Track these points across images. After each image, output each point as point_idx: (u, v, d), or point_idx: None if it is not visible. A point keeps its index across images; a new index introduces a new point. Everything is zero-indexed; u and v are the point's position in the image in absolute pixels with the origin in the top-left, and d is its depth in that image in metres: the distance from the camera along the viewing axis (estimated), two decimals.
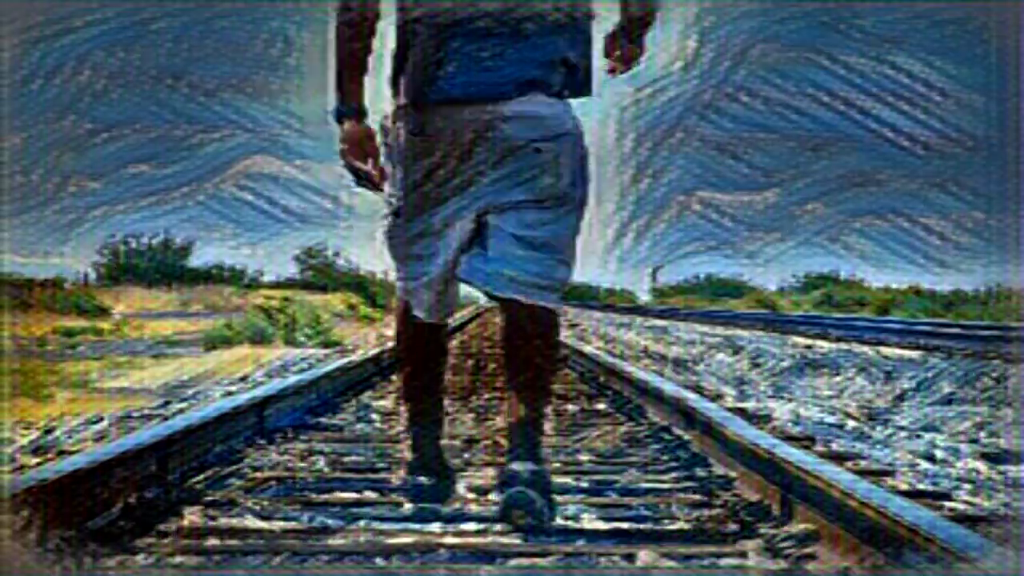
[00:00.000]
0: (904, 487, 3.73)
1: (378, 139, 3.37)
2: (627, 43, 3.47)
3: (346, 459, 4.46)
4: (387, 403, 6.61)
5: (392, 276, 3.59)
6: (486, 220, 3.32)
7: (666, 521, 3.38)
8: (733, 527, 3.27)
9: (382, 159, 3.36)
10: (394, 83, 3.38)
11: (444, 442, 3.69)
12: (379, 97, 3.45)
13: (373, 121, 3.40)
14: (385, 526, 3.27)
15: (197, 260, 43.84)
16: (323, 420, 5.71)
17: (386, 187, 3.39)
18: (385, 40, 3.39)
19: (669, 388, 5.65)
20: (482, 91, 3.27)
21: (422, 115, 3.31)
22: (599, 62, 3.47)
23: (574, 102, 3.39)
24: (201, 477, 3.96)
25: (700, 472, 4.12)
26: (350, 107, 3.32)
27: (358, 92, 3.33)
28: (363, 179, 3.34)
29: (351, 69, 3.32)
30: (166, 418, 5.50)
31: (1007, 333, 13.80)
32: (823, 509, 3.01)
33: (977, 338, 13.09)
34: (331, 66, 3.35)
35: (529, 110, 3.28)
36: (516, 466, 3.24)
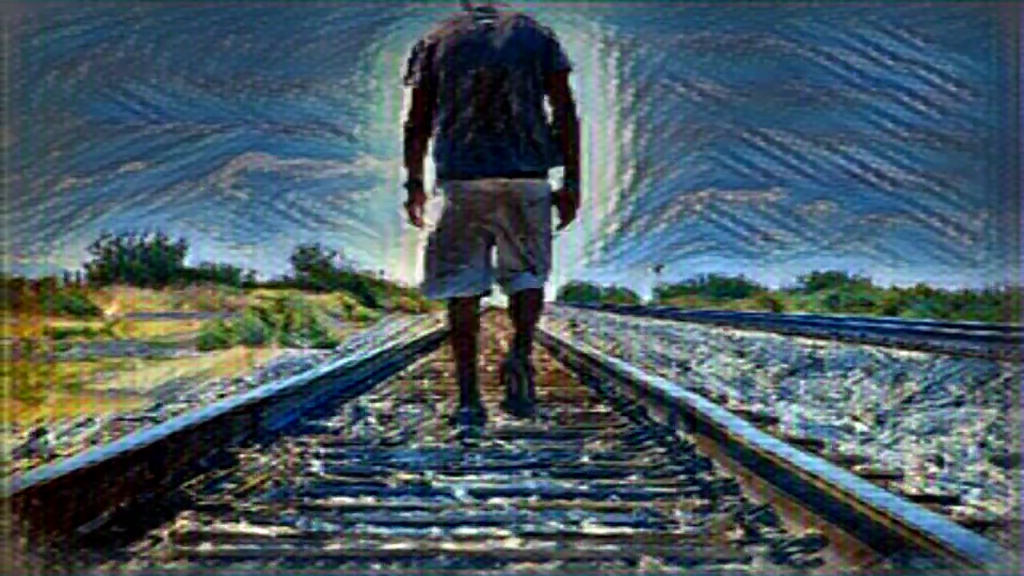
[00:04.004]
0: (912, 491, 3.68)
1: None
2: (561, 218, 5.70)
3: (343, 462, 4.40)
4: (385, 405, 6.54)
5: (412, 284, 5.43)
6: (495, 242, 5.64)
7: (669, 526, 3.32)
8: (738, 532, 3.22)
9: (433, 199, 5.65)
10: (436, 158, 5.60)
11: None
12: None
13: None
14: (382, 531, 3.22)
15: (191, 260, 43.59)
16: (320, 422, 5.65)
17: (427, 220, 5.66)
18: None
19: (671, 389, 5.59)
20: (489, 171, 5.53)
21: (453, 179, 5.58)
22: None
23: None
24: (195, 481, 3.90)
25: (703, 476, 4.05)
26: (415, 181, 5.69)
27: (419, 172, 5.69)
28: (412, 222, 5.69)
29: (414, 161, 5.68)
30: (159, 421, 5.44)
31: (1008, 334, 13.76)
32: (829, 514, 2.95)
33: (981, 339, 13.03)
34: (401, 157, 5.70)
35: (517, 182, 5.55)
36: (512, 357, 5.74)
